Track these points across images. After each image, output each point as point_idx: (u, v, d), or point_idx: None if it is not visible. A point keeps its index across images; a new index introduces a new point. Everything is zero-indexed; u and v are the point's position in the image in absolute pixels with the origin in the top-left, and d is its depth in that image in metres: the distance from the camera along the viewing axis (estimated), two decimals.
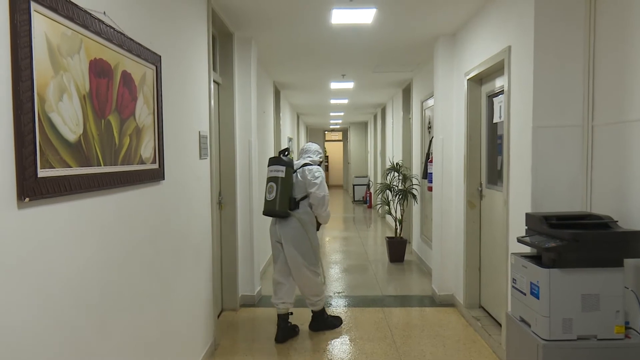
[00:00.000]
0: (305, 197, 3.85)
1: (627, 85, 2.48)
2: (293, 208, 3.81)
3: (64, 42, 1.58)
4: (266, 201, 3.82)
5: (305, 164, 3.92)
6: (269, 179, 3.83)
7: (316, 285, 3.91)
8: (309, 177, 3.82)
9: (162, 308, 2.53)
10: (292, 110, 10.70)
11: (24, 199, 1.38)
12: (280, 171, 3.78)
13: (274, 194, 3.76)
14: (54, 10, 1.52)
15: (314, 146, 4.14)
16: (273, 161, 3.87)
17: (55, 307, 1.56)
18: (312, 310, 4.07)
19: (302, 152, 4.11)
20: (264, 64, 6.06)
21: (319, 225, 4.03)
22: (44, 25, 1.48)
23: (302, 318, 4.20)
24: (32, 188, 1.41)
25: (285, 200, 3.77)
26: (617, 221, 2.41)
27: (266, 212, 3.84)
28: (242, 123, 4.70)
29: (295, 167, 3.91)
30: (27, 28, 1.39)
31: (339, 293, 5.24)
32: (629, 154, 2.47)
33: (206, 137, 3.46)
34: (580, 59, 2.85)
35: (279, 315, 3.92)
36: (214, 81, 3.98)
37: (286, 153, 3.98)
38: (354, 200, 15.29)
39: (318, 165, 4.00)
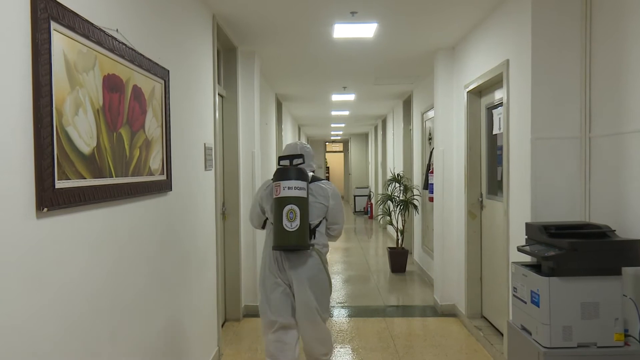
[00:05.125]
0: (321, 222, 2.83)
1: (623, 98, 2.55)
2: (311, 238, 2.77)
3: (80, 58, 1.65)
4: (284, 231, 2.62)
5: (315, 178, 2.88)
6: (288, 200, 2.63)
7: (329, 338, 2.97)
8: (331, 202, 2.82)
9: (168, 316, 2.57)
10: (293, 122, 10.79)
11: (43, 209, 1.44)
12: (302, 189, 2.66)
13: (297, 221, 2.62)
14: (72, 29, 1.59)
15: (310, 148, 3.05)
16: (289, 174, 2.68)
17: (71, 313, 1.61)
18: None
19: (296, 156, 2.82)
20: (267, 77, 6.15)
21: None
22: (63, 43, 1.55)
23: None
24: (50, 199, 1.47)
25: (307, 230, 2.70)
26: (615, 230, 2.46)
27: (283, 246, 2.67)
28: (246, 135, 4.77)
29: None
30: (47, 47, 1.46)
31: (341, 303, 5.27)
32: (625, 165, 2.53)
33: (211, 149, 3.53)
34: (576, 72, 2.92)
35: None
36: (218, 94, 4.05)
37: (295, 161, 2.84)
38: (355, 211, 15.33)
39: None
